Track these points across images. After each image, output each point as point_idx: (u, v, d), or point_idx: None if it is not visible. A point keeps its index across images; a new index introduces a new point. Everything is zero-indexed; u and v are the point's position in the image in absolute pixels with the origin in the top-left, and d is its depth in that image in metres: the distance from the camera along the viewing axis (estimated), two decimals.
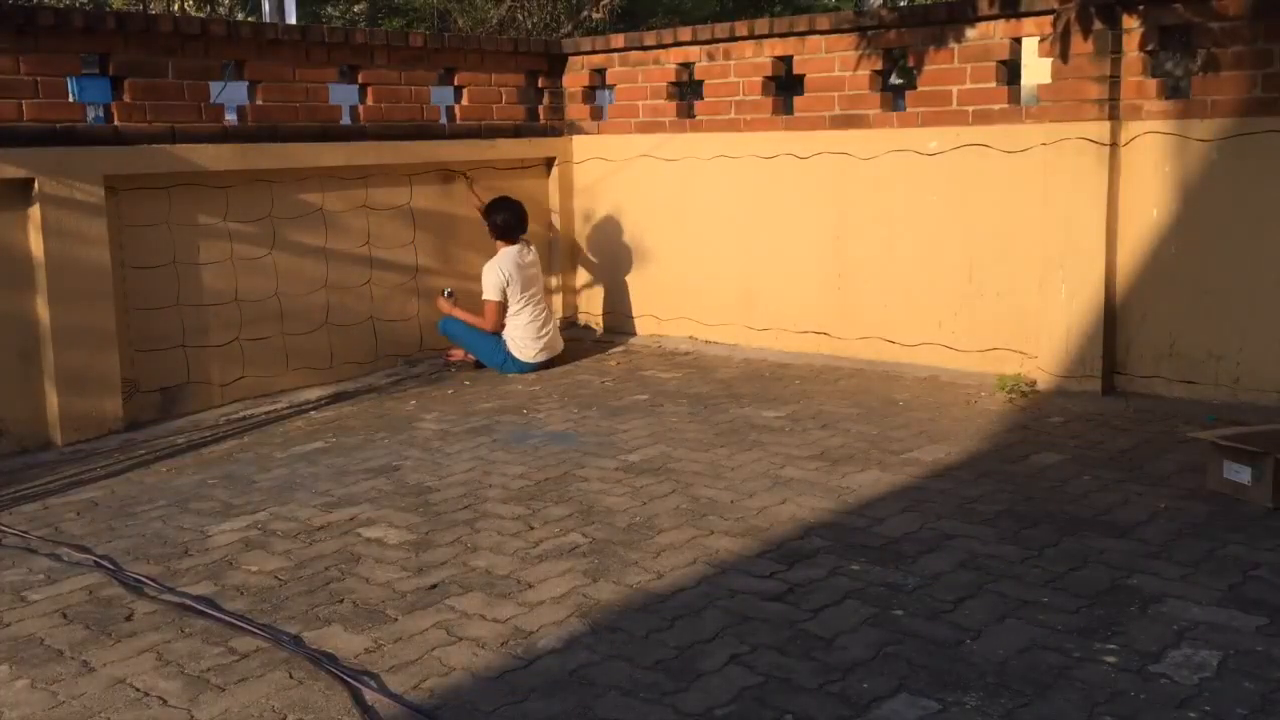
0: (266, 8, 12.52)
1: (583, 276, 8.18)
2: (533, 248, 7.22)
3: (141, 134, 5.83)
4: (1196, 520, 4.06)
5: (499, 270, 6.91)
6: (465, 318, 7.01)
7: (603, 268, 8.02)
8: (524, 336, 6.94)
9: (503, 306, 6.90)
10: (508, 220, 7.02)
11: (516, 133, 7.73)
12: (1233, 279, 5.50)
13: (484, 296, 6.94)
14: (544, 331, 7.00)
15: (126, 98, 5.82)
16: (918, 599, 3.47)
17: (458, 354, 7.17)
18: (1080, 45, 5.68)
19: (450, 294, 7.12)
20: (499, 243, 7.04)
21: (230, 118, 6.42)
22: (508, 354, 6.94)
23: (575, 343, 7.54)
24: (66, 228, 5.49)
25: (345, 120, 6.83)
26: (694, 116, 7.46)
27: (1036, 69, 6.71)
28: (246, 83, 6.35)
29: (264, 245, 6.39)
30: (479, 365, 7.06)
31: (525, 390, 6.48)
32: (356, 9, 20.24)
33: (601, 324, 8.06)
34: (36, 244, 5.44)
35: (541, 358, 6.99)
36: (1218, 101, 5.45)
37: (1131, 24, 5.64)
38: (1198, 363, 5.64)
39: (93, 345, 5.60)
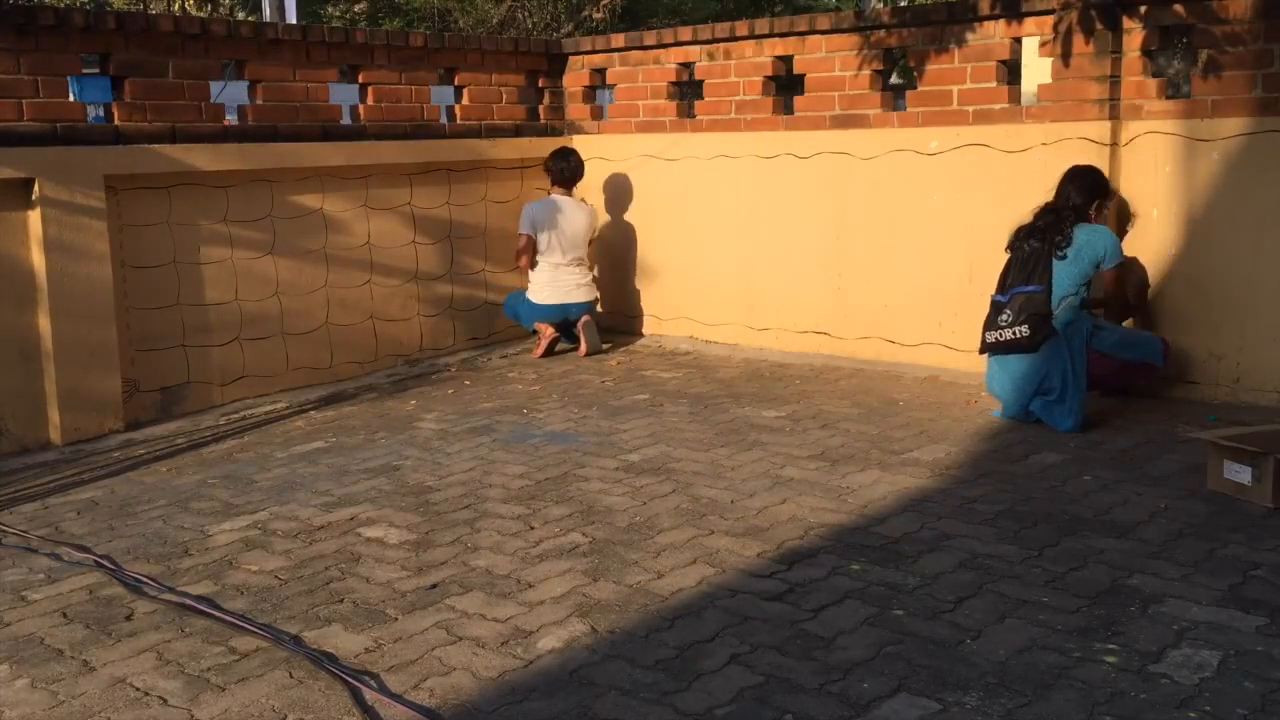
0: (266, 8, 12.53)
1: None
2: (586, 205, 7.43)
3: (141, 134, 5.83)
4: (1196, 520, 4.06)
5: (530, 208, 7.25)
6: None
7: (602, 267, 8.01)
8: (540, 281, 7.21)
9: (531, 243, 7.17)
10: (563, 168, 7.34)
11: (517, 132, 7.73)
12: (1233, 279, 5.50)
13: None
14: (562, 277, 7.19)
15: (127, 97, 5.82)
16: (918, 599, 3.47)
17: (549, 332, 7.27)
18: (1081, 46, 5.69)
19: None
20: (553, 187, 7.40)
21: (230, 118, 6.41)
22: (525, 298, 7.24)
23: (575, 342, 7.54)
24: (66, 228, 5.49)
25: (345, 120, 6.83)
26: (694, 116, 7.45)
27: (1037, 69, 6.70)
28: (246, 83, 6.35)
29: (264, 245, 6.38)
30: (556, 340, 7.31)
31: (525, 390, 6.48)
32: (356, 9, 20.22)
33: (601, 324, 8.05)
34: (37, 244, 5.44)
35: (552, 300, 7.19)
36: (1218, 101, 5.45)
37: (1132, 25, 5.64)
38: (1198, 363, 5.64)
39: (93, 345, 5.60)
